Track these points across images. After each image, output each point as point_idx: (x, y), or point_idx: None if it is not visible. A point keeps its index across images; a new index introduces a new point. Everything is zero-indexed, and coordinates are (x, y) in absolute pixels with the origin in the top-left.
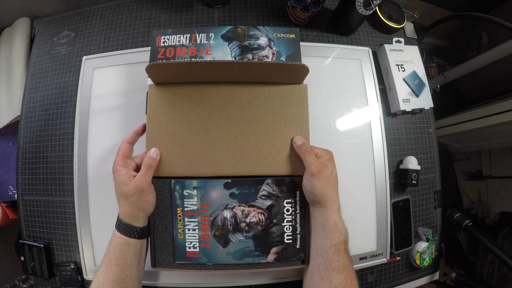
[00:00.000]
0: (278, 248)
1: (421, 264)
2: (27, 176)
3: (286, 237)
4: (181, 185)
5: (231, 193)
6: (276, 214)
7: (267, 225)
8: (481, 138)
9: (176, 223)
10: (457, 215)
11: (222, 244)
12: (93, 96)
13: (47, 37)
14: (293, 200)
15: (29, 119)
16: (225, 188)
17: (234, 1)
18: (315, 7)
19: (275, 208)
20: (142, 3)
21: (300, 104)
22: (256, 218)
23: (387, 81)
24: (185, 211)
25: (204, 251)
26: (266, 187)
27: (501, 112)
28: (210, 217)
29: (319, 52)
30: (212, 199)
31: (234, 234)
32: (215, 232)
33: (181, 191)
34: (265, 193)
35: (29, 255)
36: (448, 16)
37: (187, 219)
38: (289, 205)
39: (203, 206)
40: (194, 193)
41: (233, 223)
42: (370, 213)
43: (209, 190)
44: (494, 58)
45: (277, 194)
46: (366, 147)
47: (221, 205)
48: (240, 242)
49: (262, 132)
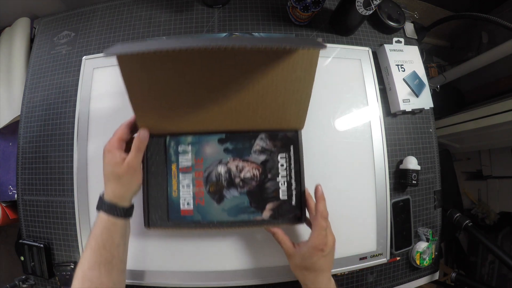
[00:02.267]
0: (274, 204)
1: (421, 264)
2: (27, 176)
3: (281, 193)
4: (176, 141)
5: (225, 148)
6: (270, 169)
7: (261, 181)
8: (481, 138)
9: (171, 180)
10: (457, 215)
11: (216, 200)
12: (93, 96)
13: (47, 37)
14: (287, 154)
15: (29, 119)
16: (219, 143)
17: (234, 1)
18: (315, 7)
19: (269, 163)
20: (142, 3)
21: (307, 66)
22: (251, 173)
23: (387, 81)
24: (180, 167)
25: (198, 209)
26: (260, 142)
27: (501, 112)
28: (204, 172)
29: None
30: (206, 154)
31: (229, 190)
32: (210, 188)
33: (176, 147)
34: (259, 148)
35: (29, 255)
36: (448, 16)
37: (182, 176)
38: (283, 160)
39: (197, 162)
40: (188, 149)
41: (227, 179)
42: (370, 213)
43: (203, 146)
44: (494, 58)
45: (271, 149)
46: (366, 147)
47: (215, 160)
48: (234, 198)
49: (258, 94)
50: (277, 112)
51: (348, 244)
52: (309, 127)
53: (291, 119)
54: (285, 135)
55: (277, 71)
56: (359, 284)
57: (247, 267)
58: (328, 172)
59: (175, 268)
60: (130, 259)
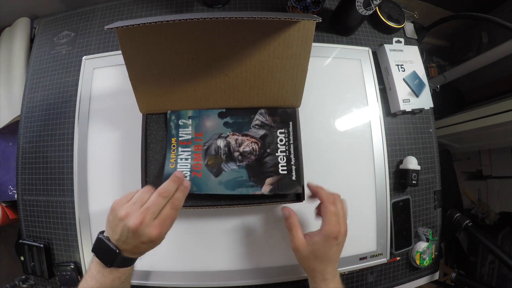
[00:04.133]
0: (273, 179)
1: (421, 264)
2: (27, 176)
3: (280, 168)
4: (176, 115)
5: (225, 122)
6: (269, 144)
7: (260, 155)
8: (481, 138)
9: (169, 154)
10: (457, 215)
11: (214, 174)
12: (93, 96)
13: (47, 37)
14: (286, 130)
15: (29, 119)
16: (219, 117)
17: (234, 1)
18: (315, 7)
19: (268, 137)
20: (142, 3)
21: (303, 41)
22: (250, 147)
23: (387, 81)
24: (180, 140)
25: (194, 181)
26: (259, 117)
27: (501, 112)
28: (203, 146)
29: (319, 52)
30: (206, 128)
31: (227, 163)
32: (208, 161)
33: (177, 121)
34: (259, 123)
35: (29, 255)
36: (448, 16)
37: (181, 149)
38: (283, 135)
39: (197, 135)
40: (189, 122)
41: (226, 152)
42: (370, 213)
43: (203, 119)
44: (494, 58)
45: (270, 124)
46: (366, 147)
47: (215, 134)
48: (233, 171)
49: (255, 69)
50: (274, 89)
51: (348, 244)
52: (309, 127)
53: (288, 96)
54: (284, 111)
55: (273, 46)
56: (359, 284)
57: (247, 267)
58: (328, 172)
59: (174, 268)
60: None
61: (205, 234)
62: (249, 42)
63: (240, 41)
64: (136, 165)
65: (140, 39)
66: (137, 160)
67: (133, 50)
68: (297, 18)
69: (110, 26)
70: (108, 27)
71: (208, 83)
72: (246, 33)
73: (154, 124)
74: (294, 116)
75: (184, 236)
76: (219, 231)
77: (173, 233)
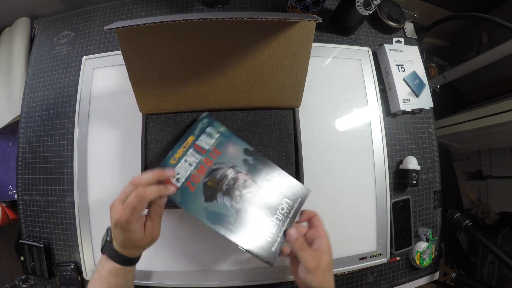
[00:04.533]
0: (256, 239)
1: (421, 264)
2: (27, 176)
3: (267, 233)
4: (209, 121)
5: (245, 159)
6: (272, 205)
7: (257, 209)
8: (481, 138)
9: (178, 148)
10: (457, 215)
11: (205, 197)
12: (93, 96)
13: (47, 37)
14: (292, 204)
15: (29, 119)
16: (244, 152)
17: (234, 1)
18: (315, 7)
19: (274, 200)
20: (142, 3)
21: (303, 41)
22: (253, 195)
23: (387, 81)
24: (196, 143)
25: (184, 191)
26: (285, 203)
27: (501, 112)
28: (213, 165)
29: (319, 52)
30: (227, 151)
31: (224, 196)
32: (208, 181)
33: (206, 126)
34: (283, 209)
35: (29, 255)
36: (448, 16)
37: (192, 151)
38: (286, 205)
39: (214, 151)
40: (216, 135)
41: (229, 185)
42: (370, 213)
43: (229, 143)
44: (494, 58)
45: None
46: (366, 147)
47: (231, 162)
48: (224, 207)
49: (255, 70)
50: (274, 89)
51: (348, 244)
52: (309, 127)
53: (288, 96)
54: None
55: (274, 47)
56: (359, 284)
57: (247, 267)
58: (328, 172)
59: (174, 268)
60: None
61: (205, 234)
62: (249, 42)
63: (240, 41)
64: (136, 165)
65: (140, 40)
66: (137, 160)
67: (133, 51)
68: (297, 18)
69: (110, 26)
70: (108, 28)
71: (208, 83)
72: (246, 33)
73: (154, 124)
74: (304, 196)
75: (184, 236)
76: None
77: (173, 233)
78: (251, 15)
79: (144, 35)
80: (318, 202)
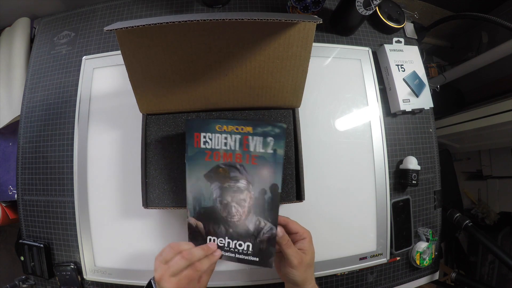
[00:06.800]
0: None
1: (421, 264)
2: (27, 176)
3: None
4: (278, 134)
5: (264, 189)
6: (256, 230)
7: (240, 217)
8: (481, 138)
9: (233, 124)
10: (457, 215)
11: (207, 174)
12: (93, 96)
13: (47, 37)
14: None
15: (29, 119)
16: (271, 185)
17: (234, 1)
18: (315, 7)
19: (259, 229)
20: (142, 3)
21: (303, 42)
22: (235, 209)
23: (387, 81)
24: (247, 136)
25: (200, 153)
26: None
27: (501, 112)
28: (239, 166)
29: (319, 52)
30: (260, 169)
31: (218, 189)
32: (221, 168)
33: (271, 135)
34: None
35: (29, 255)
36: (448, 16)
37: (238, 138)
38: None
39: (252, 157)
40: (269, 150)
41: (230, 188)
42: (370, 213)
43: (270, 166)
44: (494, 58)
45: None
46: (366, 147)
47: (252, 178)
48: (210, 194)
49: (255, 70)
50: (274, 89)
51: (348, 244)
52: (309, 127)
53: (288, 96)
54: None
55: (274, 47)
56: (359, 284)
57: (247, 267)
58: (328, 172)
59: None
60: (127, 259)
61: None
62: (249, 43)
63: (240, 42)
64: (136, 165)
65: (139, 40)
66: (137, 160)
67: (132, 51)
68: (298, 19)
69: (109, 27)
70: (108, 29)
71: (208, 83)
72: (246, 34)
73: (154, 124)
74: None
75: (184, 236)
76: None
77: (173, 233)
78: (252, 16)
79: (144, 36)
80: (318, 202)
